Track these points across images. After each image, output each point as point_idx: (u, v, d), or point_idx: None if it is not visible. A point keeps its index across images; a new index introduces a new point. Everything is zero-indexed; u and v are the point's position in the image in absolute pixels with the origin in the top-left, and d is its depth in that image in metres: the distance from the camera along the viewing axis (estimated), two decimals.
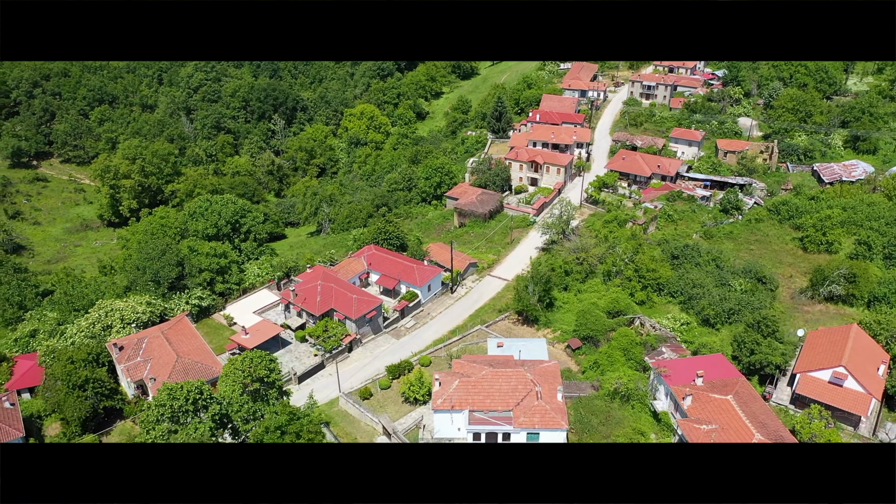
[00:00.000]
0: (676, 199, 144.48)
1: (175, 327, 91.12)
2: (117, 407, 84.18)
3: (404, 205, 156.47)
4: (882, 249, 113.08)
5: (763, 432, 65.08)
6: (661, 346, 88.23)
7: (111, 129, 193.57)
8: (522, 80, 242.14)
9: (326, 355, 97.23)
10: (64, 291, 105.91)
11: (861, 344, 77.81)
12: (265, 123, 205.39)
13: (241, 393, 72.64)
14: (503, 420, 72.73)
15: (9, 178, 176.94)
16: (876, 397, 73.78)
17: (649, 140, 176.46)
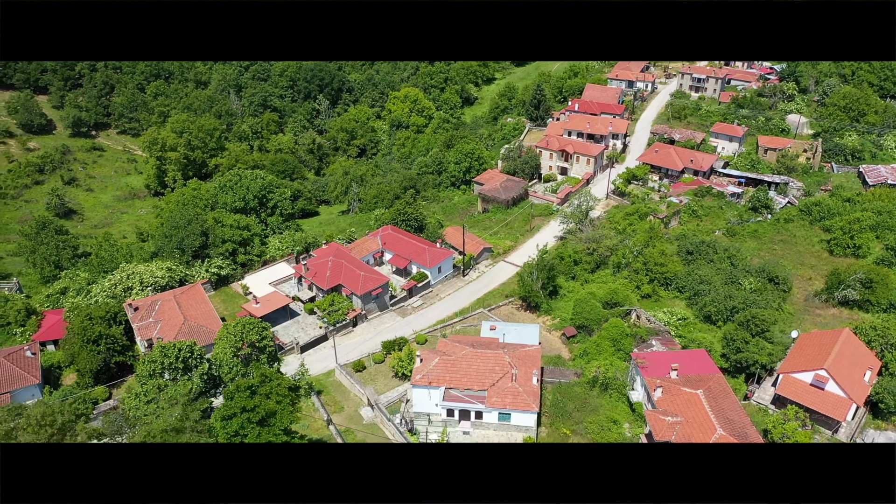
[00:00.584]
0: (705, 195, 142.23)
1: (187, 293, 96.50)
2: (128, 363, 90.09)
3: (433, 188, 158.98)
4: None
5: (727, 428, 65.27)
6: (651, 338, 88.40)
7: (164, 104, 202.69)
8: (570, 68, 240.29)
9: (330, 328, 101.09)
10: (96, 254, 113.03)
11: (849, 349, 76.37)
12: (310, 103, 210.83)
13: (232, 356, 77.01)
14: (477, 399, 74.88)
15: (68, 147, 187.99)
16: (857, 403, 72.50)
17: (688, 133, 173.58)
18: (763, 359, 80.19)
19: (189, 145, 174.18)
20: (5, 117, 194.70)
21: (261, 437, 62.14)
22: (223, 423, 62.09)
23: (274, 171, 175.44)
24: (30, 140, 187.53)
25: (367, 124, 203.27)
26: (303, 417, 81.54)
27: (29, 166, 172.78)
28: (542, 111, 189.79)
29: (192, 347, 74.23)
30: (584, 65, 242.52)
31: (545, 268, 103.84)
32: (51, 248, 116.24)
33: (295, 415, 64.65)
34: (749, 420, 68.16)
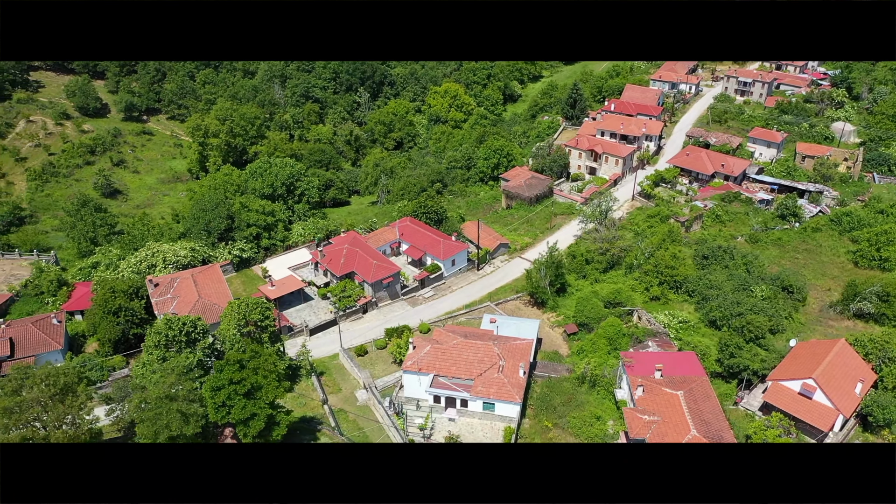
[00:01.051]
0: (733, 201, 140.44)
1: (205, 272, 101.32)
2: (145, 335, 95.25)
3: (461, 183, 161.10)
4: None
5: (701, 430, 65.75)
6: (648, 339, 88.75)
7: (211, 91, 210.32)
8: (612, 68, 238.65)
9: (340, 313, 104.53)
10: (128, 232, 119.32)
11: (842, 360, 75.46)
12: (351, 95, 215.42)
13: (236, 333, 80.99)
14: (464, 387, 76.97)
15: (120, 130, 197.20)
16: (844, 414, 71.71)
17: (724, 138, 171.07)
18: (755, 365, 79.87)
19: (231, 132, 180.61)
20: (64, 100, 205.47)
21: (246, 410, 65.72)
22: (212, 393, 65.90)
23: (311, 160, 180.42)
24: (84, 122, 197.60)
25: (405, 118, 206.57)
26: (301, 396, 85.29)
27: (81, 147, 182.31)
28: (578, 110, 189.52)
29: (195, 322, 78.61)
30: (627, 65, 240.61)
31: (553, 265, 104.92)
32: (88, 225, 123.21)
33: (280, 390, 68.01)
34: (727, 424, 68.40)
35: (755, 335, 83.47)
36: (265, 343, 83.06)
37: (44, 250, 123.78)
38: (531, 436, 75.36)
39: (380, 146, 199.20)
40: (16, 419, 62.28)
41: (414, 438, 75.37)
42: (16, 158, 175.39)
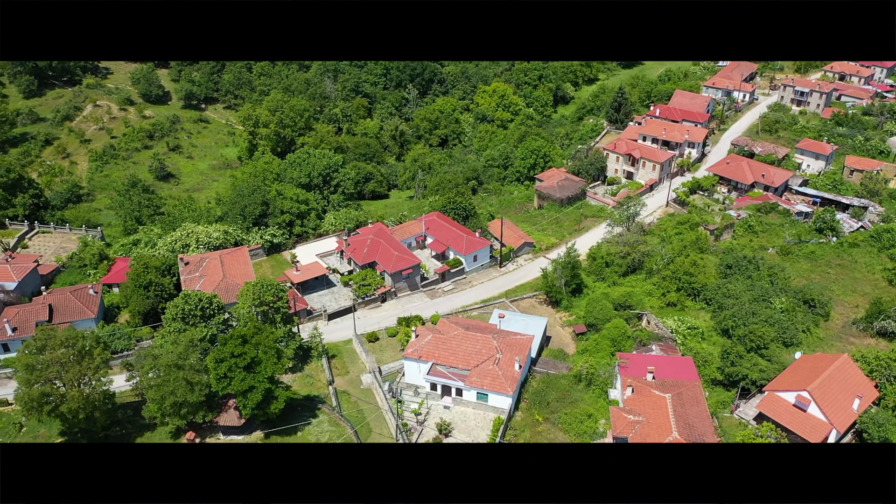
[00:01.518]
0: (770, 212, 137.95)
1: (233, 254, 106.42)
2: None
3: (497, 181, 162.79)
4: None
5: (683, 433, 66.27)
6: (652, 343, 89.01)
7: (266, 83, 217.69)
8: (665, 73, 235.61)
9: (359, 300, 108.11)
10: (169, 213, 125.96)
11: (842, 375, 74.29)
12: (400, 91, 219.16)
13: (250, 311, 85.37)
14: (460, 377, 79.22)
15: (178, 117, 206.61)
16: (838, 429, 70.75)
17: (770, 148, 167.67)
18: (754, 375, 79.39)
19: (280, 123, 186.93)
20: (129, 87, 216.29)
21: (245, 382, 69.71)
22: (215, 364, 70.14)
23: (356, 153, 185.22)
24: (146, 108, 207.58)
25: (451, 115, 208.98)
26: (309, 376, 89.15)
27: (141, 132, 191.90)
28: (623, 114, 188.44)
29: (211, 299, 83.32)
30: (680, 70, 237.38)
31: (569, 266, 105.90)
32: (135, 205, 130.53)
33: (278, 366, 71.73)
34: (713, 429, 68.63)
35: (757, 345, 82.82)
36: (277, 323, 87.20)
37: (93, 227, 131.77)
38: (521, 428, 77.04)
39: (424, 142, 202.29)
40: (37, 375, 67.88)
41: (408, 423, 78.07)
42: (81, 140, 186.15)
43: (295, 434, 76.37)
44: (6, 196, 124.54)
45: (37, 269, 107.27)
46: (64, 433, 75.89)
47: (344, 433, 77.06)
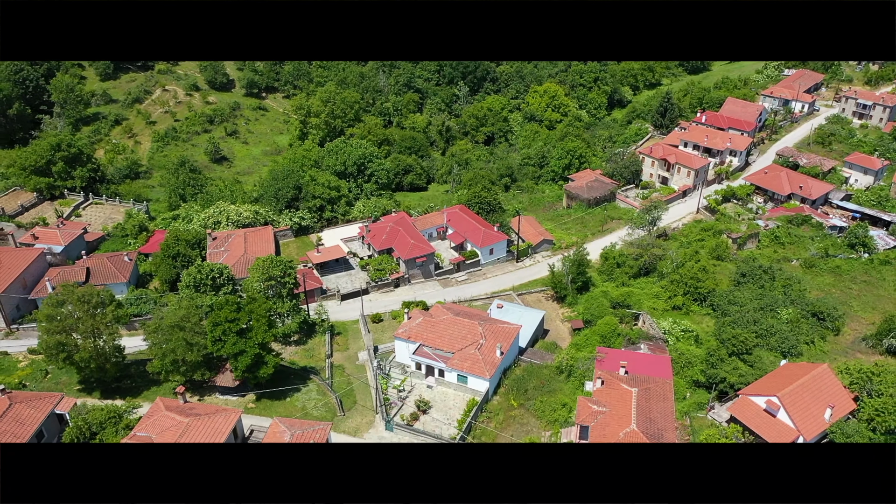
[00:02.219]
0: (802, 224, 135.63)
1: (257, 232, 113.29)
2: None
3: (531, 179, 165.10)
4: None
5: (642, 427, 68.14)
6: (641, 342, 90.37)
7: (323, 75, 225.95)
8: (721, 80, 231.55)
9: (373, 284, 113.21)
10: (208, 192, 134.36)
11: (817, 384, 74.14)
12: (451, 88, 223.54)
13: (258, 284, 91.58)
14: (443, 359, 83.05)
15: (239, 104, 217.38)
16: (804, 436, 70.87)
17: (816, 160, 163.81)
18: (732, 378, 79.99)
19: (331, 114, 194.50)
20: (197, 73, 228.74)
21: (236, 346, 75.66)
22: (211, 327, 76.38)
23: (402, 146, 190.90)
24: (210, 95, 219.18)
25: (500, 114, 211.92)
26: (310, 349, 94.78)
27: (202, 116, 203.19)
28: (668, 119, 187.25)
29: (222, 270, 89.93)
30: (741, 78, 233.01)
31: (576, 263, 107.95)
32: (180, 182, 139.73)
33: (268, 335, 77.31)
34: (673, 426, 70.14)
35: (739, 350, 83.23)
36: (284, 297, 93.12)
37: (142, 201, 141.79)
38: (496, 411, 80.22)
39: (470, 139, 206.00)
40: (55, 325, 75.70)
41: (390, 398, 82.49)
42: (147, 121, 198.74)
43: (283, 399, 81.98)
44: (66, 168, 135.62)
45: (83, 236, 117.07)
46: (81, 382, 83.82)
47: (329, 402, 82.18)
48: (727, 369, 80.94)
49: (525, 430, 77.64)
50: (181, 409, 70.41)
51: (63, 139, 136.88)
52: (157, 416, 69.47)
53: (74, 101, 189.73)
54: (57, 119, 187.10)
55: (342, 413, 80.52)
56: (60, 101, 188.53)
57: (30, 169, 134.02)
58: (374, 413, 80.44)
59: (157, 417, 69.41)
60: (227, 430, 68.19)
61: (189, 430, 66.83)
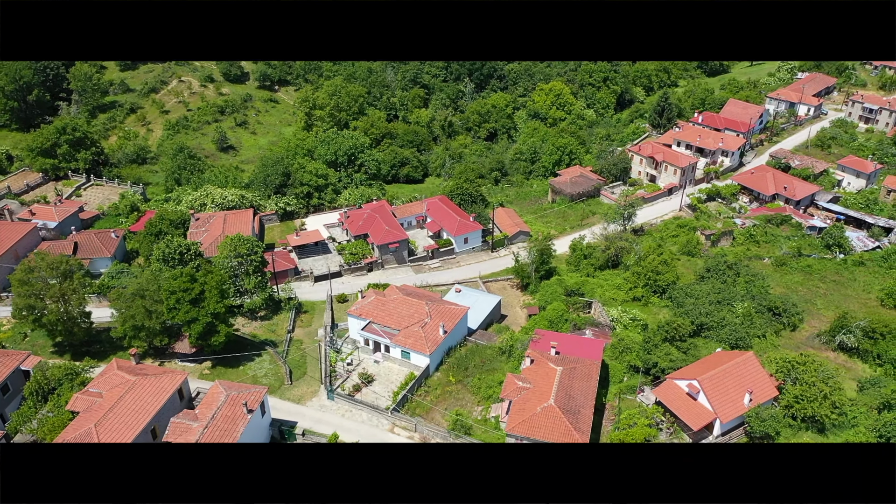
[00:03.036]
0: (781, 223, 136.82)
1: (237, 214, 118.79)
2: None
3: (522, 174, 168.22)
4: None
5: (559, 402, 71.32)
6: (587, 328, 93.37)
7: (333, 69, 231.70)
8: (728, 81, 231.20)
9: (346, 267, 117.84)
10: (198, 176, 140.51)
11: (740, 370, 76.38)
12: (457, 85, 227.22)
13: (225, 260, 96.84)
14: (389, 335, 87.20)
15: (251, 96, 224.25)
16: (721, 419, 73.38)
17: (808, 162, 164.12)
18: (663, 363, 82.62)
19: (337, 107, 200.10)
20: (213, 66, 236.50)
21: (189, 314, 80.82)
22: (167, 295, 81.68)
23: (404, 140, 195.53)
24: (224, 86, 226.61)
25: (503, 111, 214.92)
26: (275, 324, 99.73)
27: (214, 107, 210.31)
28: (665, 119, 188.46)
29: (189, 246, 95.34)
30: (752, 80, 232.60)
31: (539, 253, 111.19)
32: (175, 167, 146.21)
33: (220, 305, 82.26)
34: (591, 403, 73.10)
35: (673, 336, 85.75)
36: (250, 274, 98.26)
37: (142, 184, 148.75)
38: (435, 386, 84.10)
39: (472, 134, 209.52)
40: (26, 289, 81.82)
41: (337, 370, 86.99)
42: (161, 110, 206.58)
43: (237, 367, 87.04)
44: (71, 151, 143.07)
45: (78, 214, 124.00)
46: (55, 346, 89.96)
47: (279, 371, 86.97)
48: (660, 355, 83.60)
49: (459, 404, 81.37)
50: (132, 369, 75.79)
51: (69, 123, 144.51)
52: (109, 375, 75.01)
53: (92, 90, 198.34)
54: (74, 106, 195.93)
55: (289, 382, 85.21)
56: (79, 88, 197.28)
57: (37, 150, 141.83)
58: (320, 383, 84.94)
59: (108, 375, 74.95)
60: (171, 390, 73.33)
61: (135, 388, 72.10)
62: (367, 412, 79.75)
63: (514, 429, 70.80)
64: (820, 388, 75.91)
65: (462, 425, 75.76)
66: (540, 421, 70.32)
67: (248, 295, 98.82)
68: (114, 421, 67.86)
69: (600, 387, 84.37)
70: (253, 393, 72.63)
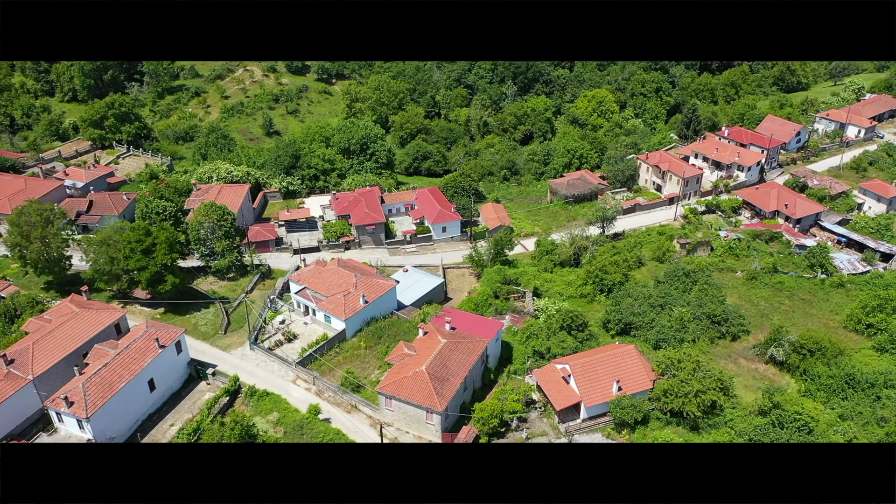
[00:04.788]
0: (772, 240, 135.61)
1: (232, 188, 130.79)
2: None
3: (532, 174, 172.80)
4: None
5: (431, 370, 77.10)
6: (507, 313, 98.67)
7: (384, 66, 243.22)
8: (778, 100, 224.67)
9: (324, 243, 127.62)
10: (219, 151, 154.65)
11: (615, 361, 79.68)
12: (500, 87, 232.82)
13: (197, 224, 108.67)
14: (317, 300, 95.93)
15: (307, 87, 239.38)
16: (585, 402, 77.29)
17: (826, 182, 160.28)
18: (556, 349, 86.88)
19: (378, 100, 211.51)
20: None
21: (140, 262, 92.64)
22: (125, 244, 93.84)
23: (438, 136, 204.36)
24: (284, 77, 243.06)
25: (542, 114, 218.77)
26: (238, 285, 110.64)
27: (269, 95, 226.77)
28: (692, 130, 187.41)
29: (165, 207, 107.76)
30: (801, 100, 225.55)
31: (496, 244, 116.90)
32: (204, 143, 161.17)
33: (167, 257, 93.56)
34: (463, 374, 78.71)
35: (570, 325, 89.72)
36: (220, 237, 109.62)
37: (176, 157, 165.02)
38: (348, 349, 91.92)
39: (507, 135, 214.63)
40: (16, 230, 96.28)
41: (268, 327, 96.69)
42: (222, 95, 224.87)
43: (184, 315, 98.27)
44: (116, 124, 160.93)
45: (105, 178, 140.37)
46: (46, 283, 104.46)
47: (217, 322, 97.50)
48: (555, 341, 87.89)
49: (362, 366, 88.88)
50: (81, 303, 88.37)
51: (116, 99, 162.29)
52: (62, 306, 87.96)
53: (163, 73, 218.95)
54: (146, 87, 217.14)
55: (223, 332, 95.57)
56: (150, 71, 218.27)
57: (88, 122, 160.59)
58: (250, 338, 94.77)
59: (61, 306, 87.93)
60: (107, 323, 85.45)
61: (77, 318, 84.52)
62: (278, 364, 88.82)
63: (384, 388, 77.81)
64: (693, 385, 78.20)
65: (351, 383, 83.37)
66: (408, 383, 76.90)
67: (218, 257, 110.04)
68: (51, 341, 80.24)
69: (501, 365, 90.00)
70: (170, 333, 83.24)
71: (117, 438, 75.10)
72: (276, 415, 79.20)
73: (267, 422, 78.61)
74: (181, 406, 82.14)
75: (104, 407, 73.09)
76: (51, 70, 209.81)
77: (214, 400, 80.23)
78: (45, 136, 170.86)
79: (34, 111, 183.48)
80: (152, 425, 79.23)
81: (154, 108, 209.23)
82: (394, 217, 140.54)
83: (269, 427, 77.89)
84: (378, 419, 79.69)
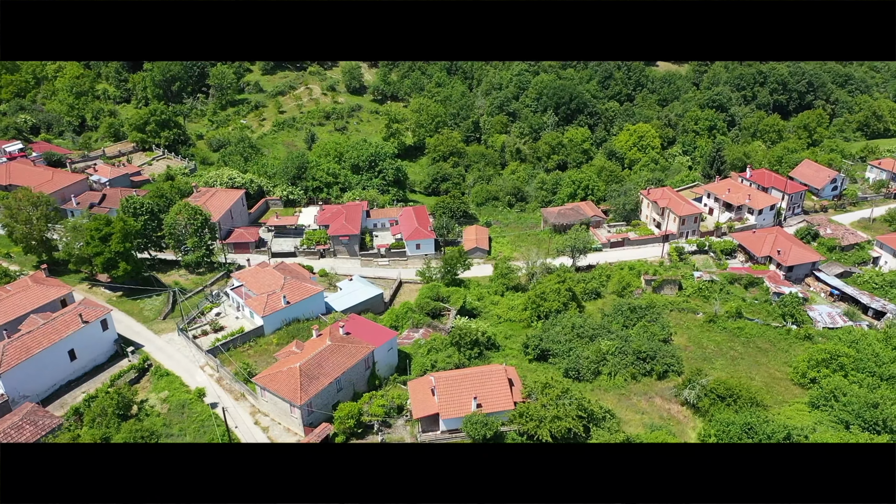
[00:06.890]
0: (751, 285, 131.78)
1: (226, 192, 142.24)
2: None
3: (539, 202, 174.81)
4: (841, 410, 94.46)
5: (305, 368, 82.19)
6: (423, 327, 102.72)
7: (433, 90, 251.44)
8: (828, 146, 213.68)
9: (300, 249, 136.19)
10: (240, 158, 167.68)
11: (482, 379, 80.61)
12: (542, 116, 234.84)
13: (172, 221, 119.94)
14: (246, 297, 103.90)
15: (360, 106, 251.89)
16: (442, 414, 79.96)
17: (840, 232, 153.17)
18: (441, 364, 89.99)
19: (417, 122, 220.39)
20: (337, 77, 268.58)
21: (97, 249, 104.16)
22: (87, 231, 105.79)
23: (470, 160, 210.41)
24: (341, 96, 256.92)
25: (579, 146, 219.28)
26: (202, 281, 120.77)
27: (320, 112, 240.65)
28: (715, 170, 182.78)
29: (143, 202, 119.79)
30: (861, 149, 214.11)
31: (448, 263, 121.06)
32: (228, 152, 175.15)
33: (121, 246, 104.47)
34: (336, 375, 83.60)
35: (460, 343, 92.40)
36: (191, 234, 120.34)
37: (203, 162, 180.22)
38: (261, 343, 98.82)
39: (540, 163, 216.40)
40: (7, 212, 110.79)
41: (201, 317, 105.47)
42: (279, 110, 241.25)
43: (135, 299, 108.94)
44: (157, 129, 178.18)
45: (129, 176, 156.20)
46: (38, 262, 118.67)
47: (161, 309, 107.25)
48: (442, 356, 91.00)
49: (266, 361, 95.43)
50: (39, 279, 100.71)
51: (157, 107, 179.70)
52: (21, 280, 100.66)
53: (227, 87, 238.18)
54: (209, 98, 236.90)
55: (162, 318, 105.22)
56: (215, 84, 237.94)
57: (134, 126, 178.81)
58: (183, 326, 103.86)
59: (21, 281, 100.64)
60: (53, 297, 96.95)
61: (27, 290, 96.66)
62: (195, 350, 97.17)
63: (259, 379, 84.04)
64: (550, 411, 79.23)
65: (243, 373, 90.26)
66: (280, 377, 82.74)
67: (189, 252, 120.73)
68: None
69: (399, 373, 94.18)
70: (97, 311, 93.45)
71: (31, 398, 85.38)
72: (167, 393, 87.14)
73: (157, 398, 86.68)
74: (99, 377, 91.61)
75: (18, 367, 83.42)
76: (128, 80, 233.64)
77: (120, 374, 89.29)
78: (105, 136, 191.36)
79: (102, 114, 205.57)
80: (68, 390, 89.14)
81: (213, 118, 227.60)
82: (378, 231, 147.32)
83: (157, 403, 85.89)
84: (258, 408, 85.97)
